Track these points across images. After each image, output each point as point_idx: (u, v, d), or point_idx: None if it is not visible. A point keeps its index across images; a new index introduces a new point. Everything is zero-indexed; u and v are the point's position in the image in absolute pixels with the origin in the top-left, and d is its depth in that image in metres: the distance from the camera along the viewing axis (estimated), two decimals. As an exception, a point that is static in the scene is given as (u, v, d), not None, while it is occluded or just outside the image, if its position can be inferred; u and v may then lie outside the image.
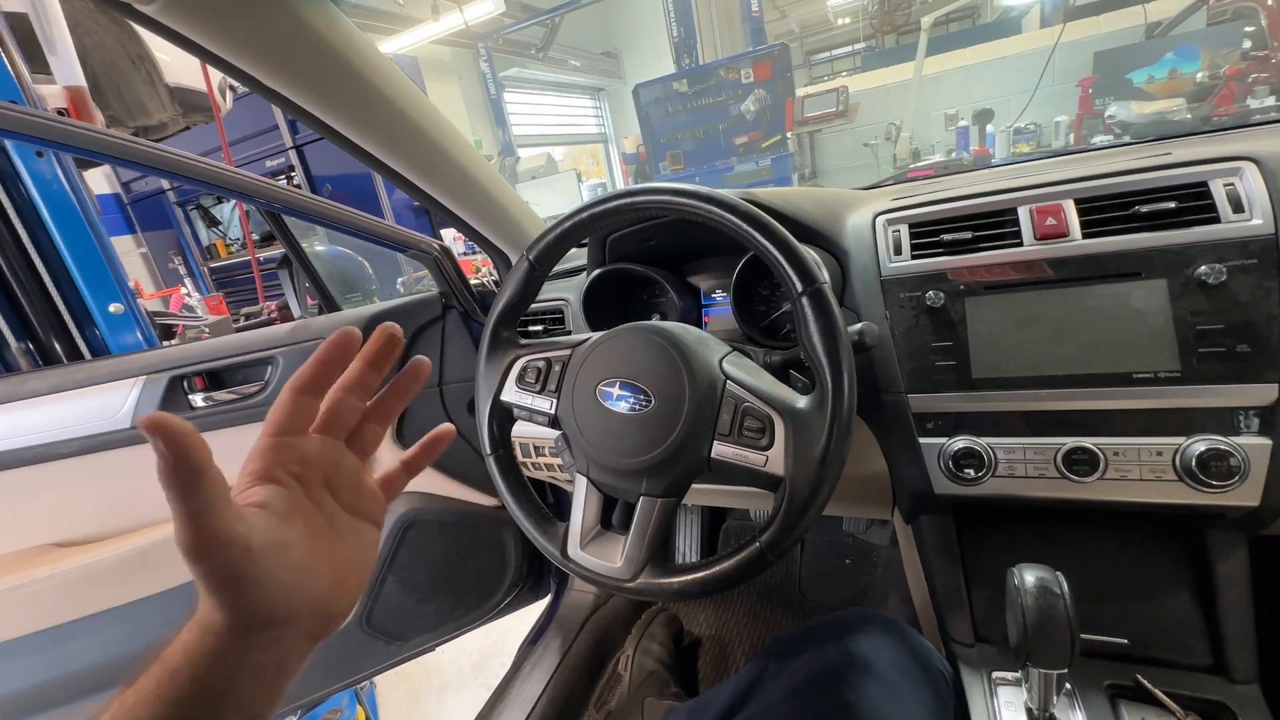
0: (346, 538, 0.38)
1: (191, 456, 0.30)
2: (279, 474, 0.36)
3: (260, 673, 0.32)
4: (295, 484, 0.36)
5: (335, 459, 0.40)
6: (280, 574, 0.32)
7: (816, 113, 5.96)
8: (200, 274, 5.20)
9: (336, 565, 0.36)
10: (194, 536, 0.30)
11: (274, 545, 0.33)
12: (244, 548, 0.31)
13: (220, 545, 0.30)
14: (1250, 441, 0.59)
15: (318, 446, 0.39)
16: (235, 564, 0.31)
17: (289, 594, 0.33)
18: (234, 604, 0.31)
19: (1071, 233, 0.65)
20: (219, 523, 0.30)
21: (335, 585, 0.36)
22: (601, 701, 1.25)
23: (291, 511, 0.35)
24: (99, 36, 1.80)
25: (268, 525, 0.33)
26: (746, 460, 0.56)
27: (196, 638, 0.31)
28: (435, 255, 1.07)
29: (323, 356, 0.38)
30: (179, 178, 0.82)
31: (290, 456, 0.37)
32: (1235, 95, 3.91)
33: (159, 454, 0.29)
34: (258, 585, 0.31)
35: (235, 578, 0.31)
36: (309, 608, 0.34)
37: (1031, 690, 0.58)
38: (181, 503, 0.30)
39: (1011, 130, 4.91)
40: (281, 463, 0.36)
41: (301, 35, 0.61)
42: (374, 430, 0.43)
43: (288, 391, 0.37)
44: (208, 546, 0.30)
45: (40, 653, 0.97)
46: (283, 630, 0.33)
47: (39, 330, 1.47)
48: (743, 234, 0.57)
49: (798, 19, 11.98)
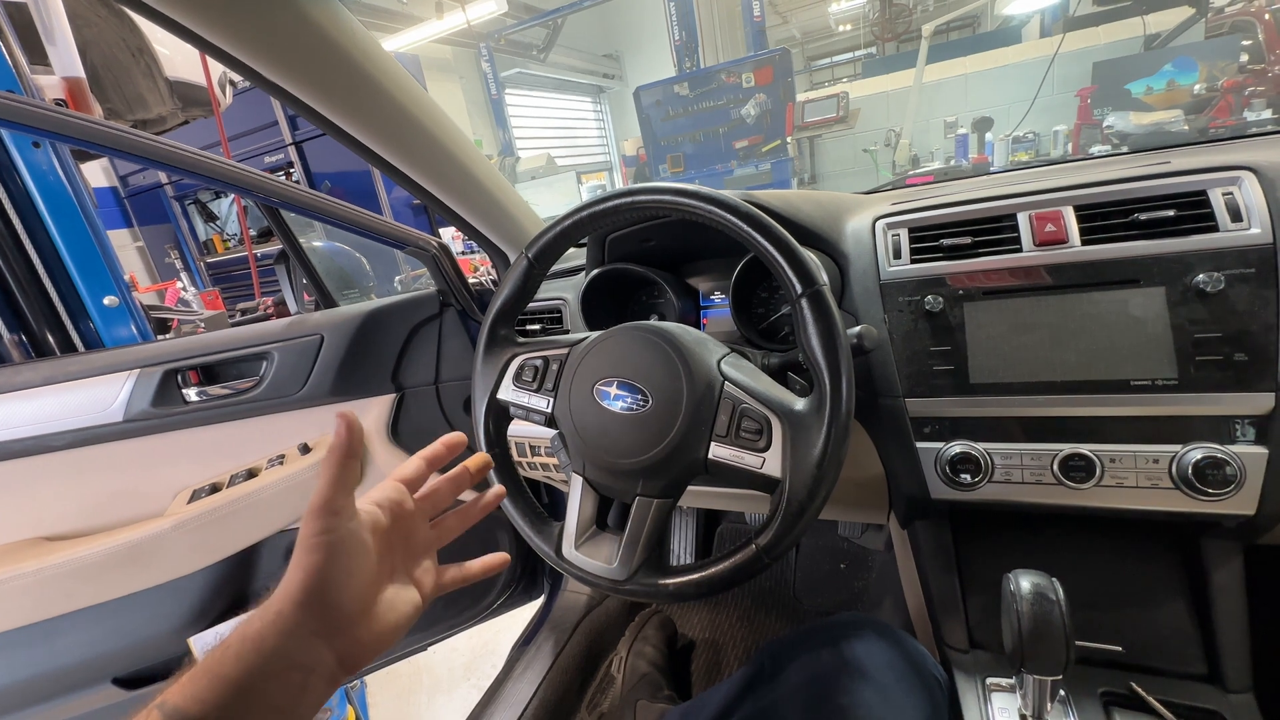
0: (397, 590, 0.44)
1: (357, 444, 0.41)
2: (385, 506, 0.45)
3: (289, 676, 0.35)
4: (390, 521, 0.45)
5: (419, 527, 0.48)
6: (352, 564, 0.39)
7: (817, 118, 5.98)
8: (196, 269, 5.19)
9: (382, 605, 0.41)
10: (327, 497, 0.39)
11: (359, 542, 0.40)
12: (345, 530, 0.39)
13: (334, 511, 0.39)
14: (1246, 450, 0.59)
15: (415, 510, 0.48)
16: (336, 531, 0.38)
17: (348, 585, 0.39)
18: (314, 567, 0.37)
19: (1071, 239, 0.66)
20: (345, 499, 0.40)
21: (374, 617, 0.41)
22: (594, 703, 1.25)
23: (377, 531, 0.43)
24: (99, 29, 1.80)
25: (363, 524, 0.41)
26: (743, 462, 0.56)
27: (260, 610, 0.36)
28: (433, 253, 1.06)
29: (449, 444, 0.51)
30: (177, 170, 0.82)
31: (398, 499, 0.46)
32: (1232, 107, 3.94)
33: (338, 433, 0.40)
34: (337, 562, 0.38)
35: (330, 545, 0.38)
36: (350, 613, 0.39)
37: (1026, 697, 0.58)
38: (335, 470, 0.39)
39: (1010, 139, 4.93)
40: (391, 502, 0.46)
41: (304, 28, 0.61)
42: (453, 524, 0.52)
43: (419, 459, 0.50)
44: (331, 508, 0.39)
45: (27, 647, 0.96)
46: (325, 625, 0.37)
47: (32, 322, 1.46)
48: (743, 235, 0.57)
49: (799, 25, 12.02)
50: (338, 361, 1.03)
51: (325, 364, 1.03)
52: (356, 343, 1.05)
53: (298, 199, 0.92)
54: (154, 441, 1.00)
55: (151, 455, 1.00)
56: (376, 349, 1.08)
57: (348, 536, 0.39)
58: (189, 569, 0.99)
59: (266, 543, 1.05)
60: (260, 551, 1.08)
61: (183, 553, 0.98)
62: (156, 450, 1.00)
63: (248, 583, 1.10)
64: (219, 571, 1.04)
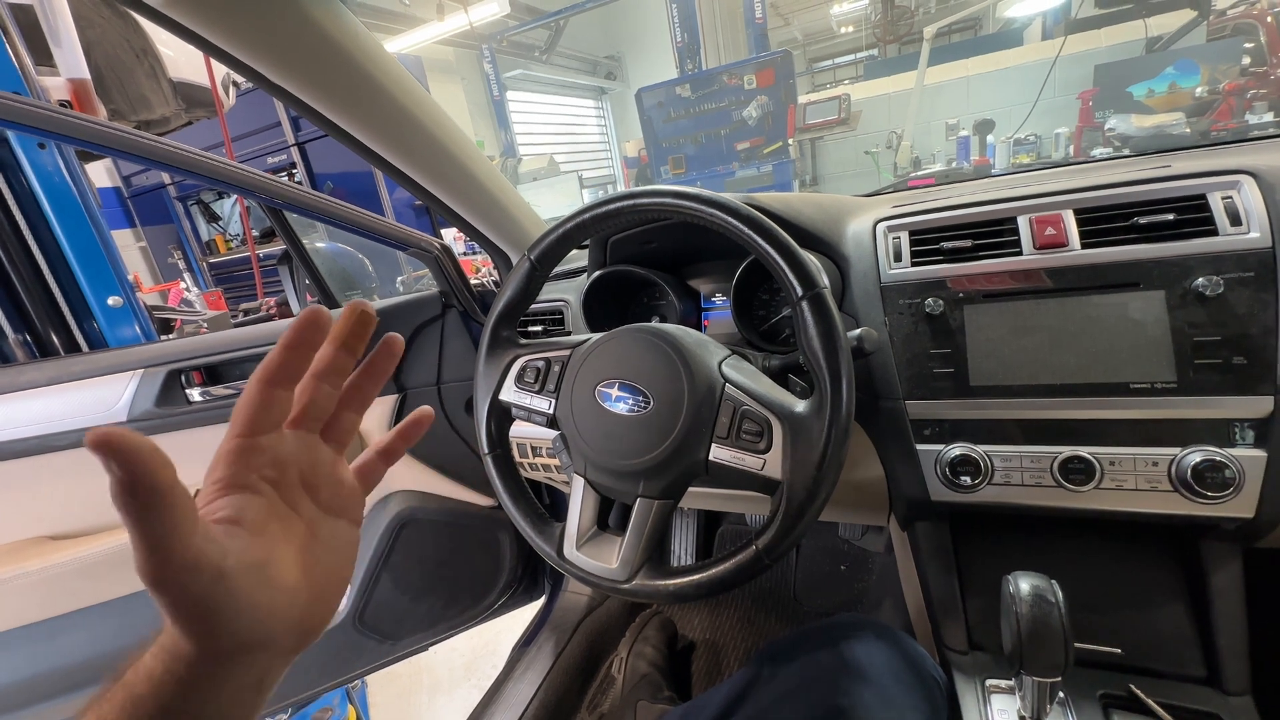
0: (326, 543, 0.35)
1: (150, 477, 0.25)
2: (252, 480, 0.32)
3: (238, 695, 0.30)
4: (270, 489, 0.33)
5: (312, 455, 0.36)
6: (258, 596, 0.29)
7: (818, 120, 5.98)
8: (199, 269, 5.20)
9: (316, 576, 0.33)
10: (156, 566, 0.25)
11: (250, 566, 0.29)
12: (216, 574, 0.27)
13: (188, 573, 0.26)
14: (1245, 453, 0.60)
15: (292, 444, 0.34)
16: (206, 593, 0.27)
17: (268, 617, 0.29)
18: (206, 634, 0.27)
19: (1070, 243, 0.66)
20: (185, 548, 0.26)
21: (314, 598, 0.33)
22: (594, 704, 1.25)
23: (267, 523, 0.31)
24: (102, 30, 1.81)
25: (242, 544, 0.29)
26: (744, 463, 0.56)
27: (163, 665, 0.28)
28: (436, 254, 1.07)
29: (291, 340, 0.32)
30: (181, 171, 0.82)
31: (263, 459, 0.32)
32: (1234, 110, 3.94)
33: (110, 474, 0.24)
34: (234, 614, 0.28)
35: (207, 609, 0.27)
36: (287, 628, 0.31)
37: (1025, 698, 0.58)
38: (139, 528, 0.25)
39: (1012, 141, 4.94)
40: (254, 467, 0.32)
41: (307, 30, 0.61)
42: (350, 419, 0.39)
43: (255, 384, 0.32)
44: (174, 576, 0.26)
45: (30, 646, 0.96)
46: (260, 653, 0.30)
47: (36, 322, 1.47)
48: (744, 238, 0.57)
49: (801, 26, 12.03)
50: (340, 362, 1.03)
51: (328, 364, 1.03)
52: (359, 343, 1.05)
53: (300, 200, 0.92)
54: (158, 441, 0.99)
55: (155, 455, 1.01)
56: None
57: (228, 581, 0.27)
58: (192, 568, 1.00)
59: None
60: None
61: (185, 552, 0.98)
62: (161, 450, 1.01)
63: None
64: (221, 571, 1.04)
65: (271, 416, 0.33)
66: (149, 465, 0.25)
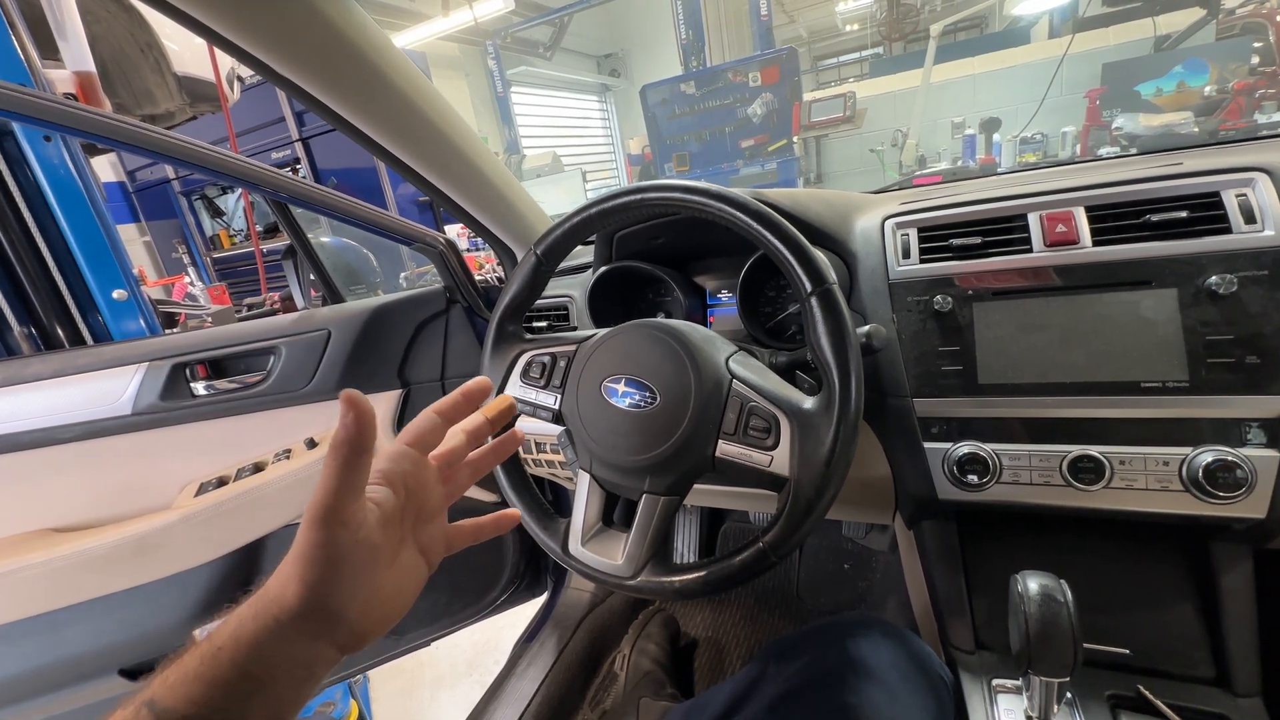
0: (403, 569, 0.39)
1: (367, 436, 0.33)
2: (397, 481, 0.39)
3: (292, 672, 0.33)
4: (403, 498, 0.39)
5: (432, 491, 0.42)
6: (359, 573, 0.34)
7: (823, 118, 5.96)
8: (203, 264, 5.21)
9: (385, 592, 0.37)
10: (329, 505, 0.32)
11: (369, 546, 0.35)
12: (354, 536, 0.33)
13: (340, 524, 0.33)
14: (1257, 453, 0.59)
15: (428, 473, 0.42)
16: (341, 546, 0.33)
17: (352, 594, 0.34)
18: (316, 583, 0.32)
19: (1082, 240, 0.65)
20: (352, 504, 0.33)
21: (379, 605, 0.36)
22: (596, 700, 1.25)
23: (389, 521, 0.37)
24: (108, 24, 1.80)
25: (373, 526, 0.35)
26: (751, 460, 0.55)
27: (253, 613, 0.33)
28: (440, 249, 1.06)
29: (467, 392, 0.44)
30: (186, 164, 0.82)
31: (410, 469, 0.40)
32: (1243, 110, 3.92)
33: (344, 424, 0.32)
34: (341, 574, 0.33)
35: (333, 559, 0.33)
36: (356, 615, 0.35)
37: (1032, 698, 0.58)
38: (338, 471, 0.32)
39: (1018, 140, 4.91)
40: (403, 472, 0.39)
41: (314, 21, 0.61)
42: (466, 477, 0.46)
43: (432, 410, 0.42)
44: (337, 518, 0.33)
45: (35, 638, 0.96)
46: (328, 630, 0.34)
47: (41, 314, 1.47)
48: (753, 233, 0.56)
49: (806, 24, 11.99)
50: (344, 357, 1.03)
51: (332, 359, 1.03)
52: (363, 338, 1.05)
53: (305, 194, 0.92)
54: (162, 435, 1.00)
55: (159, 448, 1.01)
56: (383, 345, 1.08)
57: (355, 549, 0.34)
58: (195, 562, 1.00)
59: (273, 537, 1.06)
60: (266, 545, 1.08)
61: (189, 546, 0.98)
62: (164, 443, 1.01)
63: (253, 577, 1.11)
64: (225, 565, 1.04)
65: (428, 440, 0.42)
66: (371, 427, 0.33)
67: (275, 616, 0.32)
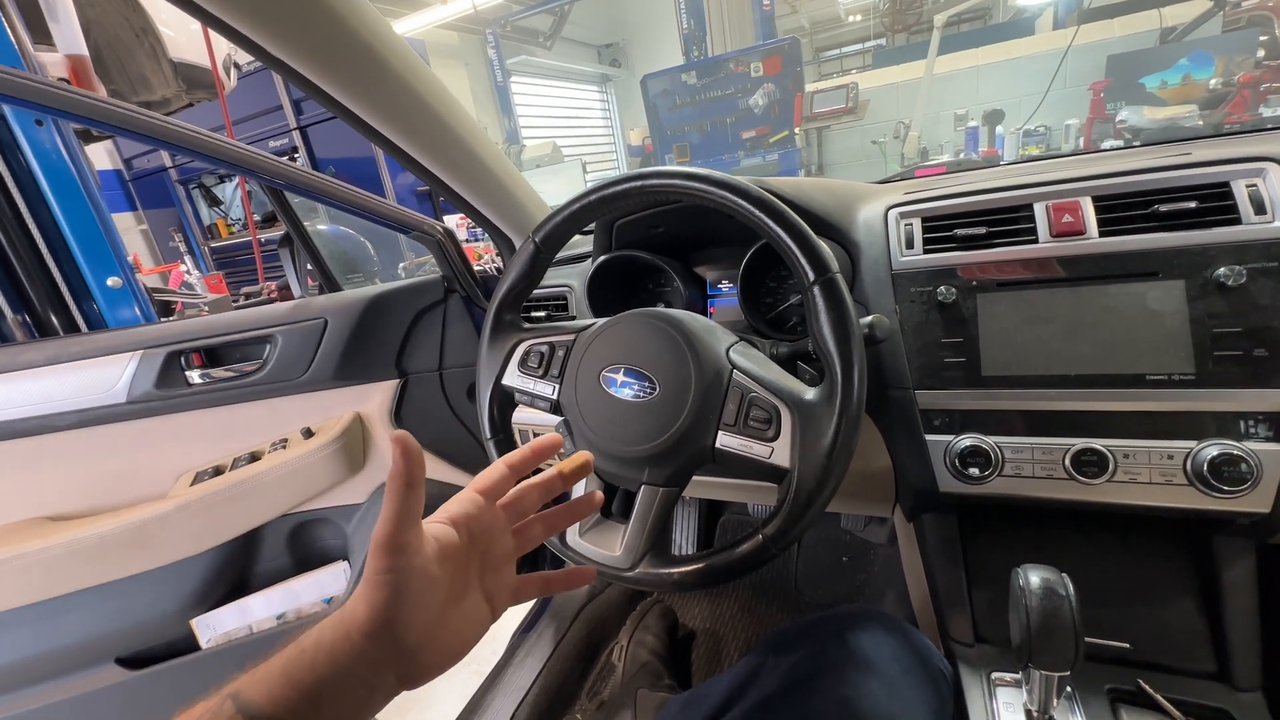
0: (466, 612, 0.41)
1: (418, 471, 0.37)
2: (461, 523, 0.41)
3: (356, 691, 0.35)
4: (466, 539, 0.41)
5: (501, 540, 0.44)
6: (419, 599, 0.37)
7: (825, 109, 5.92)
8: (200, 252, 5.19)
9: (448, 627, 0.39)
10: (389, 533, 0.36)
11: (426, 575, 0.37)
12: (410, 563, 0.36)
13: (398, 550, 0.36)
14: (1263, 447, 0.58)
15: (496, 521, 0.44)
16: (402, 570, 0.36)
17: (412, 619, 0.37)
18: (380, 603, 0.35)
19: (1088, 231, 0.64)
20: (409, 532, 0.37)
21: (439, 641, 0.38)
22: (594, 691, 1.25)
23: (447, 556, 0.40)
24: (102, 8, 1.78)
25: (430, 556, 0.38)
26: (751, 451, 0.55)
27: (332, 624, 0.36)
28: (438, 238, 1.05)
29: (537, 449, 0.46)
30: (181, 149, 0.81)
31: (476, 515, 0.42)
32: (1248, 103, 3.89)
33: (395, 464, 0.37)
34: (404, 599, 0.36)
35: (394, 583, 0.36)
36: (415, 642, 0.37)
37: (1032, 692, 0.57)
38: (397, 503, 0.36)
39: (1021, 132, 4.88)
40: (469, 517, 0.42)
41: (313, 4, 0.60)
42: (537, 532, 0.47)
43: (503, 464, 0.45)
44: (395, 545, 0.36)
45: (30, 626, 0.96)
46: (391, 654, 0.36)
47: (35, 302, 1.46)
48: (755, 220, 0.56)
49: (808, 14, 11.87)
50: (341, 346, 1.03)
51: (329, 348, 1.02)
52: (360, 327, 1.04)
53: (303, 181, 0.91)
54: (157, 423, 1.00)
55: (154, 437, 1.00)
56: (380, 334, 1.07)
57: (414, 575, 0.37)
58: (191, 551, 0.99)
59: (268, 526, 1.05)
60: (262, 535, 1.08)
61: (185, 535, 0.98)
62: (159, 432, 1.00)
63: (249, 566, 1.10)
64: (221, 554, 1.04)
65: (498, 489, 0.44)
66: (420, 465, 0.38)
67: (348, 631, 0.35)
